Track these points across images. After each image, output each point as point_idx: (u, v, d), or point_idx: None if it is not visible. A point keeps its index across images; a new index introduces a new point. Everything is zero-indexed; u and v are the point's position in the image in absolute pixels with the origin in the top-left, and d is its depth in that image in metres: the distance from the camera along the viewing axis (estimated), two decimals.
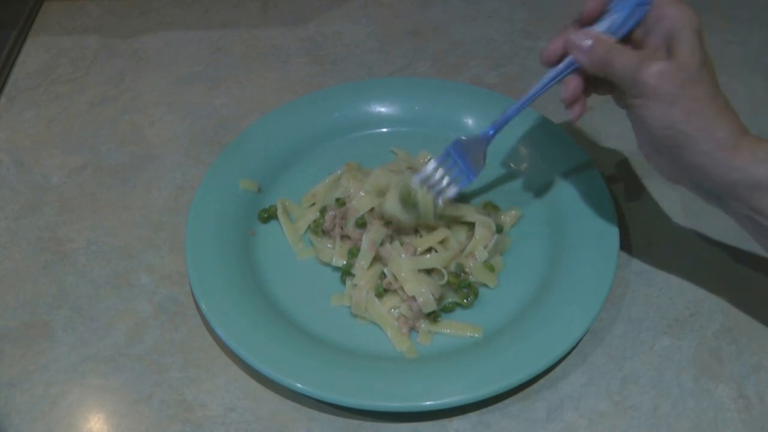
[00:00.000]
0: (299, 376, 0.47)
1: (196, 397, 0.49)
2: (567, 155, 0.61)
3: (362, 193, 0.56)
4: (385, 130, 0.66)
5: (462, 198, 0.59)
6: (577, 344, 0.50)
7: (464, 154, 0.54)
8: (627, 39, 0.48)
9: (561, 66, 0.50)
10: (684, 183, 0.47)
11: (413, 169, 0.57)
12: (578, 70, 0.49)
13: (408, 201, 0.53)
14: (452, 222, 0.56)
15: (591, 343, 0.51)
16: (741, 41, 0.75)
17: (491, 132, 0.54)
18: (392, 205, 0.53)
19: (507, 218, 0.58)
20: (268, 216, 0.58)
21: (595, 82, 0.50)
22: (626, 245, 0.57)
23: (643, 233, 0.58)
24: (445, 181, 0.54)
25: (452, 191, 0.54)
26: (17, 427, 0.47)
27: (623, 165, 0.63)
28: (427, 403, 0.46)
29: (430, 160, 0.60)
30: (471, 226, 0.56)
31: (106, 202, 0.61)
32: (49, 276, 0.56)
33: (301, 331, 0.51)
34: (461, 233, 0.56)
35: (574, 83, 0.49)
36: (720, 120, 0.43)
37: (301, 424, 0.48)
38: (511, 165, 0.62)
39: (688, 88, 0.43)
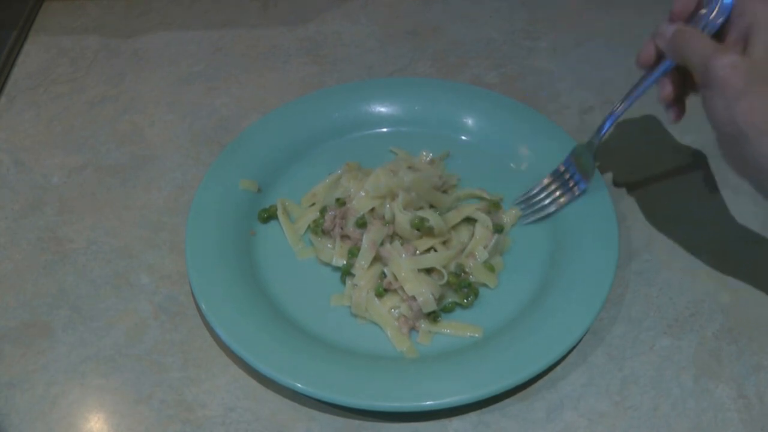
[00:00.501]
0: (299, 376, 0.47)
1: (196, 397, 0.49)
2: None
3: (362, 193, 0.56)
4: (385, 130, 0.66)
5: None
6: (577, 344, 0.50)
7: (575, 162, 0.57)
8: (716, 37, 0.48)
9: (657, 71, 0.50)
10: (748, 178, 0.46)
11: (413, 169, 0.57)
12: (673, 71, 0.49)
13: (419, 226, 0.53)
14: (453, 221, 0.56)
15: (591, 343, 0.51)
16: None
17: (596, 141, 0.56)
18: (403, 227, 0.54)
19: (507, 218, 0.58)
20: (268, 216, 0.58)
21: (692, 82, 0.50)
22: (626, 245, 0.57)
23: (643, 233, 0.58)
24: (558, 192, 0.58)
25: (565, 200, 0.57)
26: (17, 427, 0.47)
27: (623, 165, 0.63)
28: (427, 403, 0.46)
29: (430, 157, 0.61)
30: (472, 225, 0.56)
31: (106, 202, 0.61)
32: (49, 276, 0.56)
33: (301, 331, 0.51)
34: (463, 233, 0.56)
35: (667, 84, 0.50)
36: None
37: (301, 424, 0.48)
38: (511, 165, 0.62)
39: (756, 85, 0.42)
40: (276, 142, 0.63)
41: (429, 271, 0.53)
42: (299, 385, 0.46)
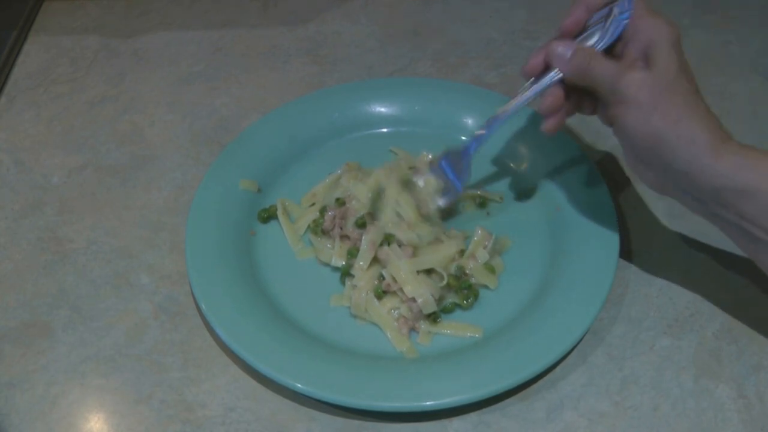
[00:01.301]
0: (299, 376, 0.47)
1: (196, 397, 0.49)
2: (567, 156, 0.61)
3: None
4: (385, 130, 0.66)
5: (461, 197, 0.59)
6: (577, 344, 0.50)
7: (452, 166, 0.55)
8: (608, 53, 0.48)
9: (544, 80, 0.50)
10: (672, 193, 0.48)
11: (413, 170, 0.57)
12: (560, 83, 0.49)
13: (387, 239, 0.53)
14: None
15: (591, 343, 0.51)
16: (741, 41, 0.75)
17: (473, 147, 0.54)
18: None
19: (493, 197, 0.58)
20: (268, 216, 0.58)
21: (580, 100, 0.51)
22: (626, 245, 0.57)
23: (643, 233, 0.58)
24: (437, 191, 0.55)
25: (441, 202, 0.55)
26: (17, 427, 0.47)
27: (623, 165, 0.63)
28: (427, 403, 0.46)
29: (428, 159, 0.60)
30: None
31: (106, 202, 0.61)
32: (49, 276, 0.56)
33: (301, 331, 0.51)
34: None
35: (554, 93, 0.50)
36: (701, 126, 0.44)
37: (301, 424, 0.48)
38: (511, 165, 0.62)
39: (667, 96, 0.44)
40: (276, 142, 0.63)
41: (428, 272, 0.53)
42: (299, 385, 0.46)
